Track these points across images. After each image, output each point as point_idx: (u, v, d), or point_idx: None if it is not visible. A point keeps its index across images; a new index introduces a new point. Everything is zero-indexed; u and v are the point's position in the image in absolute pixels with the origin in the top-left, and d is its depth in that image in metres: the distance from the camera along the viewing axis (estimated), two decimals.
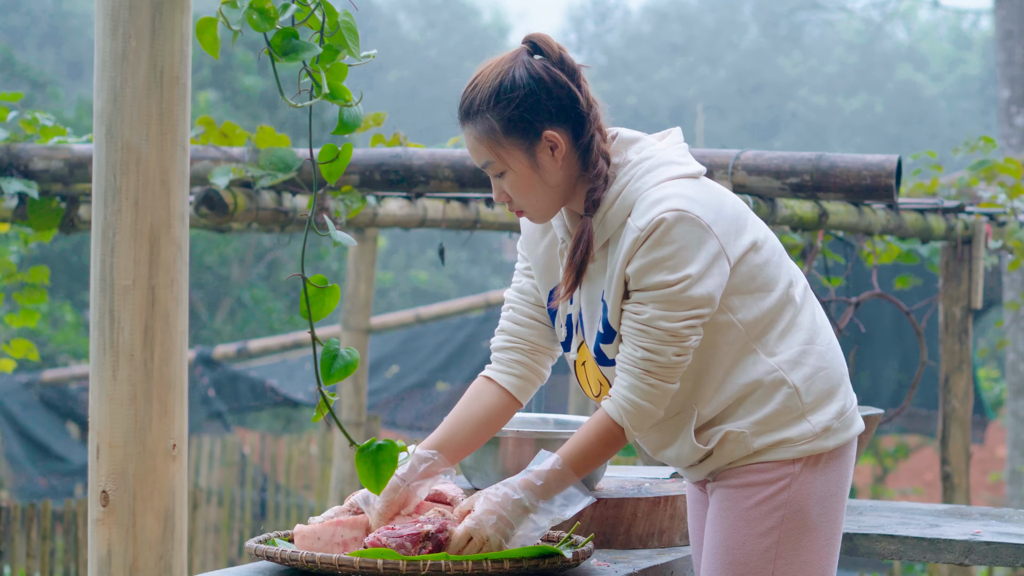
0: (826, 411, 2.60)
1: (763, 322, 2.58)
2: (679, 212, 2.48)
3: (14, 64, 18.43)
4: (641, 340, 2.52)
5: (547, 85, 2.53)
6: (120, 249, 2.70)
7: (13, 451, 10.90)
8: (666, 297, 2.49)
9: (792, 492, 2.58)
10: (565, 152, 2.55)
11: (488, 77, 2.56)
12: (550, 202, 2.59)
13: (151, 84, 2.69)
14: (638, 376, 2.53)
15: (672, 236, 2.48)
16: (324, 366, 2.46)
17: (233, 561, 10.44)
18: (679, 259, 2.48)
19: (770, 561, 2.58)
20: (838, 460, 2.63)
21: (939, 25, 35.46)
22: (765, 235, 2.62)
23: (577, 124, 2.55)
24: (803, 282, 2.67)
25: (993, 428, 14.44)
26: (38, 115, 5.01)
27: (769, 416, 2.57)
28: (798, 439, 2.58)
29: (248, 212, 4.75)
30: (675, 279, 2.48)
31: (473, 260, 24.31)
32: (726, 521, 2.61)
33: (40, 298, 5.63)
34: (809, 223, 4.83)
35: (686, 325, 2.50)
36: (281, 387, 11.05)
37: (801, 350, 2.59)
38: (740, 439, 2.58)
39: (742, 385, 2.57)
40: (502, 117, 2.53)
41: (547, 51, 2.56)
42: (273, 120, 16.52)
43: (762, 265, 2.58)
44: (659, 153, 2.59)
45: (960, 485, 6.09)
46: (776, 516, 2.58)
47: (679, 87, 32.14)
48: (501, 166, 2.57)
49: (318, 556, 2.48)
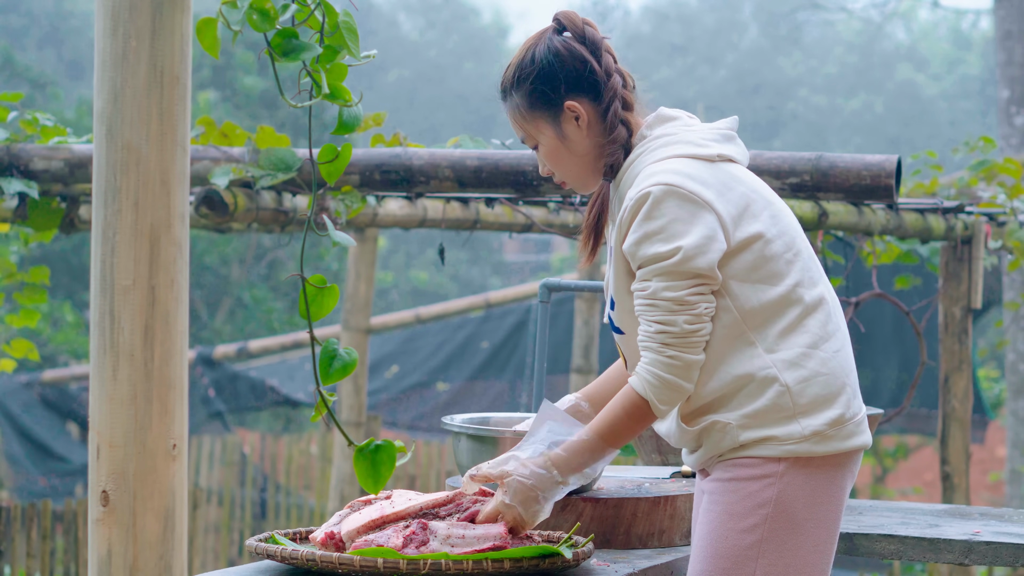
0: (819, 416, 2.59)
1: (761, 314, 2.59)
2: (667, 186, 2.55)
3: (14, 64, 18.43)
4: (652, 314, 2.57)
5: (563, 58, 2.66)
6: (120, 249, 2.70)
7: (13, 451, 10.91)
8: (665, 269, 2.54)
9: (777, 491, 2.58)
10: (589, 121, 2.67)
11: (515, 58, 2.71)
12: (582, 170, 2.71)
13: (151, 84, 2.70)
14: (656, 350, 2.57)
15: (661, 210, 2.55)
16: (323, 366, 2.46)
17: (233, 561, 10.44)
18: (670, 232, 2.54)
19: (753, 558, 2.59)
20: (832, 468, 2.62)
21: (939, 25, 35.47)
22: (783, 232, 2.63)
23: (596, 92, 2.66)
24: (823, 288, 2.67)
25: (993, 428, 14.44)
26: (38, 115, 5.01)
27: (758, 411, 2.58)
28: (784, 438, 2.58)
29: (248, 212, 4.75)
30: (668, 250, 2.53)
31: (473, 260, 24.30)
32: (712, 513, 2.63)
33: (40, 298, 5.63)
34: (809, 223, 4.83)
35: (691, 292, 2.55)
36: (281, 387, 11.05)
37: (802, 352, 2.59)
38: (727, 430, 2.59)
39: (735, 376, 2.58)
40: (523, 93, 2.68)
41: (572, 28, 2.68)
42: (273, 120, 16.52)
43: (769, 258, 2.59)
44: (681, 132, 2.66)
45: (960, 485, 6.09)
46: (760, 513, 2.59)
47: (679, 87, 32.14)
48: (533, 139, 2.71)
49: (318, 555, 2.47)
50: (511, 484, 2.58)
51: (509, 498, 2.57)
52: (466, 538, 2.54)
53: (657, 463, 3.58)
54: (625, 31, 35.53)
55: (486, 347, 10.64)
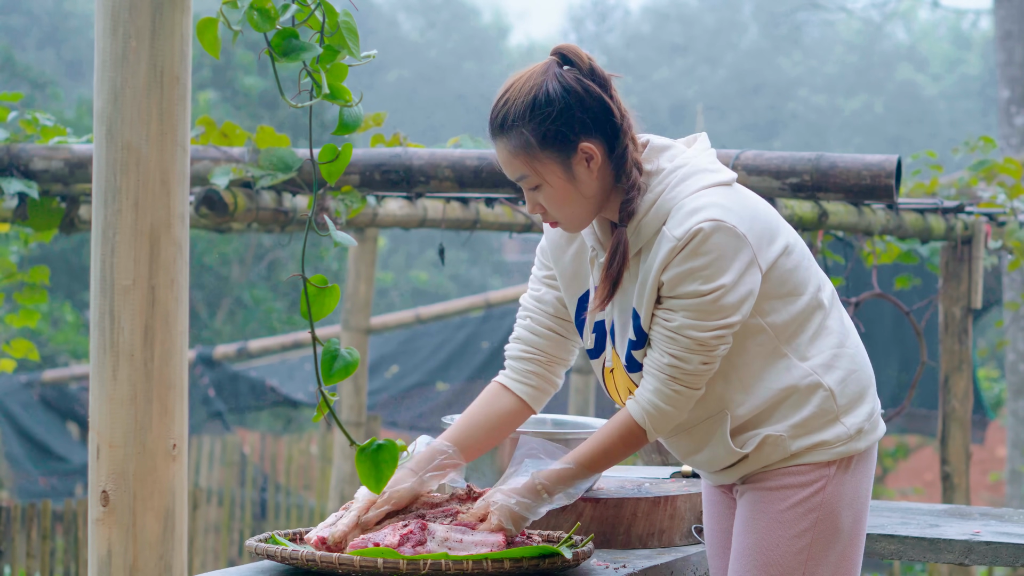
0: (859, 412, 2.62)
1: (792, 325, 2.59)
2: (716, 222, 2.49)
3: (14, 64, 18.42)
4: (669, 347, 2.54)
5: (581, 97, 2.52)
6: (120, 249, 2.70)
7: (13, 451, 10.90)
8: (698, 306, 2.50)
9: (826, 495, 2.60)
10: (600, 163, 2.55)
11: (521, 91, 2.54)
12: (585, 212, 2.59)
13: (151, 84, 2.70)
14: (663, 381, 2.55)
15: (709, 246, 2.49)
16: (324, 366, 2.46)
17: (233, 561, 10.44)
18: (714, 269, 2.49)
19: (802, 563, 2.60)
20: (866, 462, 2.66)
21: (939, 25, 35.47)
22: (795, 239, 2.64)
23: (611, 135, 2.55)
24: (830, 286, 2.69)
25: (993, 428, 14.44)
26: (38, 115, 5.01)
27: (806, 419, 2.59)
28: (834, 441, 2.60)
29: (248, 212, 4.75)
30: (709, 289, 2.49)
31: (473, 260, 24.30)
32: (759, 523, 2.62)
33: (40, 298, 5.63)
34: (809, 223, 4.83)
35: (715, 336, 2.52)
36: (281, 387, 11.05)
37: (833, 353, 2.61)
38: (779, 442, 2.59)
39: (777, 390, 2.58)
40: (538, 131, 2.52)
41: (577, 62, 2.55)
42: (273, 120, 16.52)
43: (792, 269, 2.59)
44: (692, 160, 2.59)
45: (960, 485, 6.09)
46: (811, 518, 2.60)
47: (679, 87, 32.14)
48: (537, 179, 2.56)
49: (318, 555, 2.47)
50: (501, 512, 2.57)
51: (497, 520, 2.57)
52: (464, 543, 2.53)
53: (657, 463, 3.58)
54: (625, 31, 35.53)
55: (486, 347, 10.65)
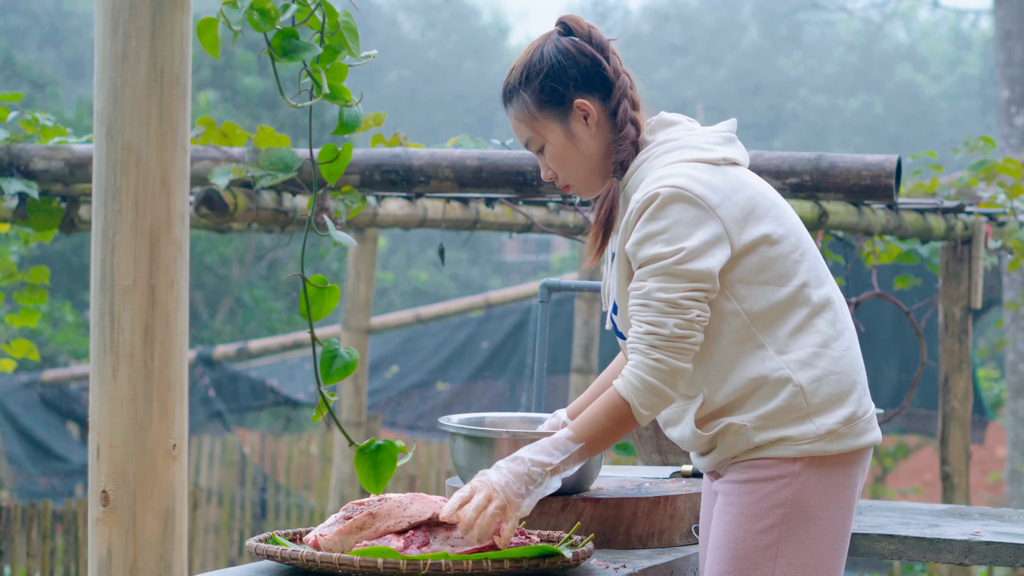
0: (833, 415, 2.61)
1: (770, 315, 2.59)
2: (675, 189, 2.55)
3: (14, 64, 18.43)
4: (643, 314, 2.56)
5: (573, 56, 2.67)
6: (120, 249, 2.70)
7: (13, 451, 10.91)
8: (663, 269, 2.54)
9: (793, 491, 2.59)
10: (598, 120, 2.67)
11: (521, 60, 2.71)
12: (589, 172, 2.70)
13: (151, 84, 2.70)
14: (643, 352, 2.55)
15: (666, 212, 2.54)
16: (324, 366, 2.46)
17: (233, 561, 10.44)
18: (673, 233, 2.54)
19: (771, 559, 2.60)
20: (846, 466, 2.63)
21: (939, 25, 35.48)
22: (789, 232, 2.63)
23: (605, 91, 2.66)
24: (830, 288, 2.68)
25: (993, 428, 14.45)
26: (38, 115, 5.01)
27: (772, 412, 2.59)
28: (799, 438, 2.59)
29: (248, 212, 4.75)
30: (671, 251, 2.53)
31: (473, 260, 24.31)
32: (728, 515, 2.63)
33: (40, 298, 5.63)
34: (809, 223, 4.83)
35: (685, 296, 2.53)
36: (281, 387, 11.06)
37: (813, 352, 2.60)
38: (741, 432, 2.60)
39: (749, 379, 2.59)
40: (533, 91, 2.67)
41: (577, 30, 2.69)
42: (273, 120, 16.53)
43: (775, 259, 2.60)
44: (685, 136, 2.67)
45: (960, 485, 6.09)
46: (777, 514, 2.60)
47: (679, 87, 32.14)
48: (540, 140, 2.69)
49: (318, 555, 2.47)
50: (495, 488, 2.53)
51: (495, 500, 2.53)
52: (466, 538, 2.54)
53: (657, 463, 3.58)
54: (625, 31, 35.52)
55: (486, 347, 10.65)
